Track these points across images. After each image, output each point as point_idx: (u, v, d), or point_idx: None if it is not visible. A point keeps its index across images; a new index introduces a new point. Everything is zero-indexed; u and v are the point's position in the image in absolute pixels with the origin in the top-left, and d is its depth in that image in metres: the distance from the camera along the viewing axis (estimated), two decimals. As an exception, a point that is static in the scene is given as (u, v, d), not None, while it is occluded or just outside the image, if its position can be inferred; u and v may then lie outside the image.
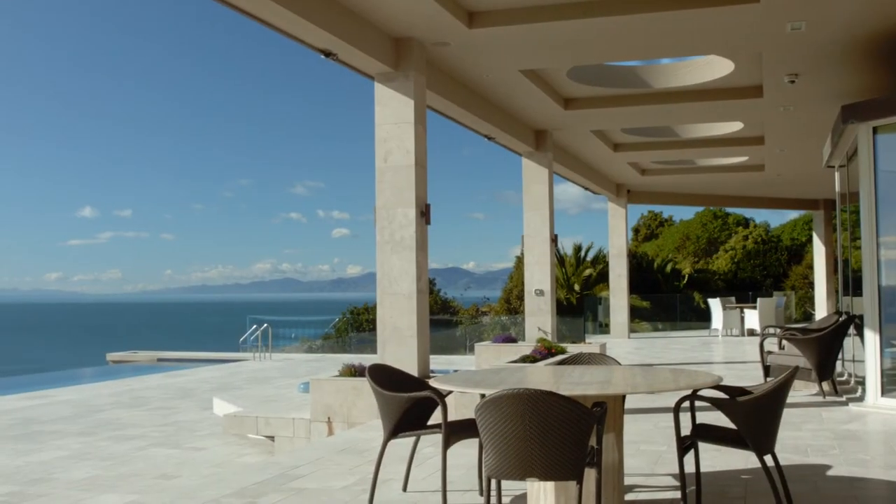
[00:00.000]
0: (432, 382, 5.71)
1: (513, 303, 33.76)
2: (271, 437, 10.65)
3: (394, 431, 5.91)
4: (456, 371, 8.28)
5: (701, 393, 5.39)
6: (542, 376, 5.81)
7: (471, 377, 5.86)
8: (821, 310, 29.14)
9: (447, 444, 5.67)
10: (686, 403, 5.46)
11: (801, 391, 11.43)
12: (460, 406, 9.02)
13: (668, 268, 37.00)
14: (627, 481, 6.36)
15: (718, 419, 5.87)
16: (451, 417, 5.77)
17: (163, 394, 15.79)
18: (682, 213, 50.28)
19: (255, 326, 23.46)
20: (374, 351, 11.61)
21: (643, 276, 34.60)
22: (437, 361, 15.17)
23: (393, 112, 10.59)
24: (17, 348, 74.80)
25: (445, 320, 32.43)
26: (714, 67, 12.99)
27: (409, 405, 5.87)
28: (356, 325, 32.33)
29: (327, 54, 9.86)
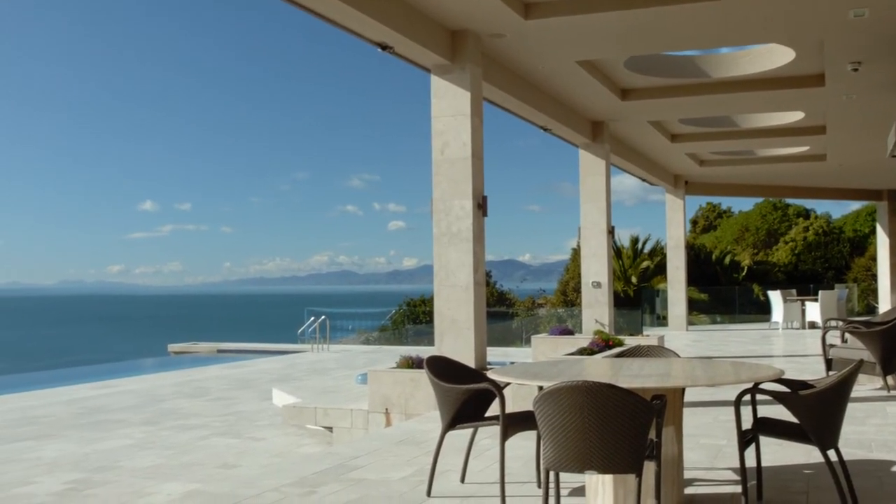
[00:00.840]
0: (490, 374, 5.72)
1: (569, 295, 33.65)
2: (330, 428, 10.76)
3: (452, 423, 5.94)
4: (513, 363, 8.27)
5: (762, 386, 5.33)
6: (601, 368, 5.79)
7: (528, 369, 5.86)
8: (884, 303, 28.56)
9: (505, 436, 5.67)
10: (747, 397, 5.40)
11: (865, 385, 11.23)
12: (517, 398, 9.03)
13: (727, 260, 36.57)
14: (687, 475, 6.31)
15: (778, 413, 5.79)
16: (509, 409, 5.77)
17: (223, 384, 16.02)
18: (741, 205, 49.48)
19: (312, 318, 23.67)
20: (430, 343, 11.66)
21: (701, 268, 34.25)
22: (494, 353, 15.18)
23: (449, 104, 10.61)
24: (82, 339, 76.45)
25: (501, 312, 32.43)
26: (774, 56, 12.79)
27: (467, 397, 5.89)
28: (413, 317, 32.47)
29: (384, 47, 9.91)
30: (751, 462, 5.75)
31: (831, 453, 5.26)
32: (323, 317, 23.51)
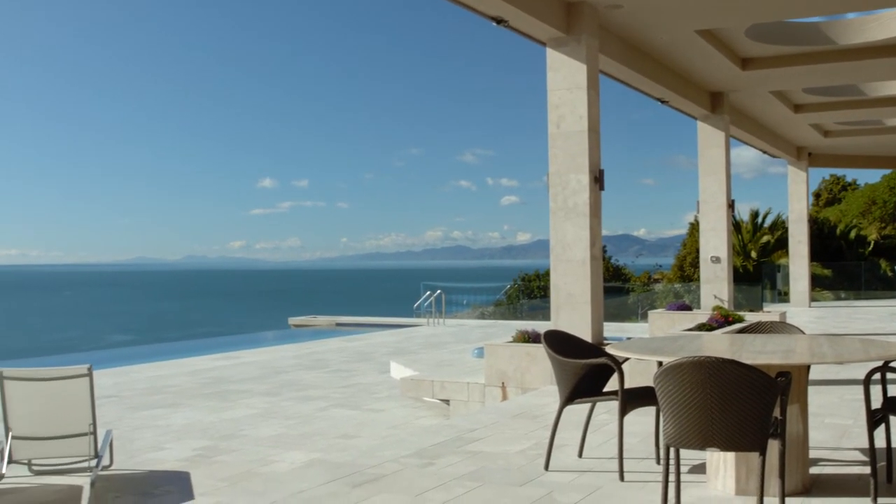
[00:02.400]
0: (609, 349, 5.68)
1: (686, 270, 33.06)
2: (446, 401, 10.87)
3: (570, 397, 5.92)
4: (629, 338, 8.20)
5: (893, 364, 5.15)
6: (721, 344, 5.69)
7: (648, 344, 5.80)
8: None
9: (624, 412, 5.64)
10: (877, 375, 5.22)
11: None
12: (634, 373, 8.91)
13: (852, 234, 35.30)
14: (812, 455, 6.15)
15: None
16: (626, 385, 5.73)
17: (342, 357, 16.34)
18: (868, 177, 47.76)
19: (428, 293, 23.89)
20: (545, 318, 11.65)
21: (824, 242, 33.18)
22: (609, 328, 15.06)
23: (565, 77, 10.51)
24: (207, 313, 79.07)
25: (617, 287, 32.07)
26: (906, 20, 12.24)
27: (585, 371, 5.87)
28: (527, 292, 32.44)
29: (499, 21, 9.87)
30: (879, 443, 5.58)
31: (967, 435, 5.06)
32: (438, 291, 23.71)
